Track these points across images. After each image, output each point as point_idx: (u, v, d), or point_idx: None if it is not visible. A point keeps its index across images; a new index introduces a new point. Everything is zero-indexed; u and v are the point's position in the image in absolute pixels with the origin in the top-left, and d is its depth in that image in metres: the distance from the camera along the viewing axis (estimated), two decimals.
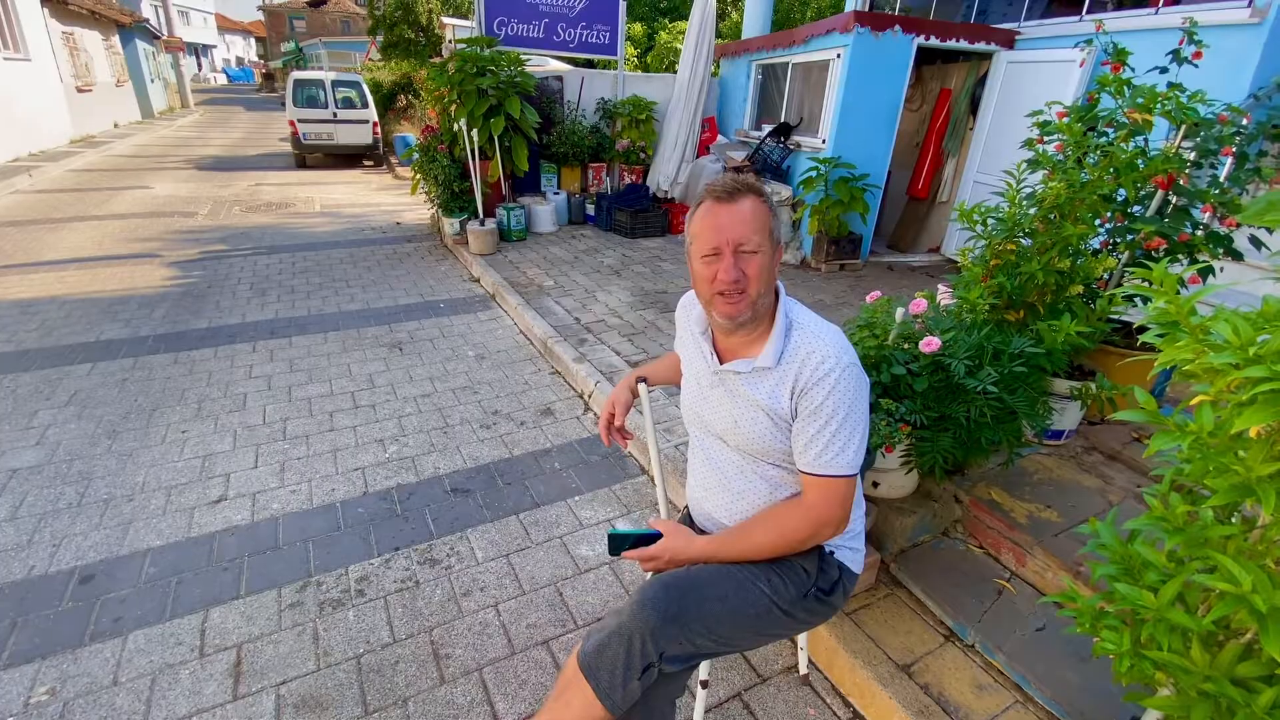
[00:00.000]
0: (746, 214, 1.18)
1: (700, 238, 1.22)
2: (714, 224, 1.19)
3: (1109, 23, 3.76)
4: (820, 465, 1.19)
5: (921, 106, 6.82)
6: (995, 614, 1.92)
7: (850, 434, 1.19)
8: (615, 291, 5.06)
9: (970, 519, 2.22)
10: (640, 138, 7.22)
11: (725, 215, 1.19)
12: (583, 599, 2.16)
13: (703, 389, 1.38)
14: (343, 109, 11.75)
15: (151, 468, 2.81)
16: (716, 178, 1.24)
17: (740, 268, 1.18)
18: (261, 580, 2.21)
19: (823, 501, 1.21)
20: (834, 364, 1.18)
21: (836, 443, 1.18)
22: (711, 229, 1.19)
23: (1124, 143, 2.06)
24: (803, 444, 1.21)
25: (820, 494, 1.21)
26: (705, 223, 1.21)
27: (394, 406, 3.38)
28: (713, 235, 1.19)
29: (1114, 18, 4.52)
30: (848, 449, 1.19)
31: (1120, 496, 2.29)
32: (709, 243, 1.20)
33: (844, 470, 1.19)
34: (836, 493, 1.20)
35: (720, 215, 1.19)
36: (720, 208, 1.19)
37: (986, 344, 1.77)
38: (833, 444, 1.18)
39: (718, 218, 1.19)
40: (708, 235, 1.20)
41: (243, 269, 5.70)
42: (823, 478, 1.20)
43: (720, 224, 1.19)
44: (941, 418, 1.81)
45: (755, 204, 1.20)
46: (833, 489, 1.20)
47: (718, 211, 1.19)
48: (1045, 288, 1.95)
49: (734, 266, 1.18)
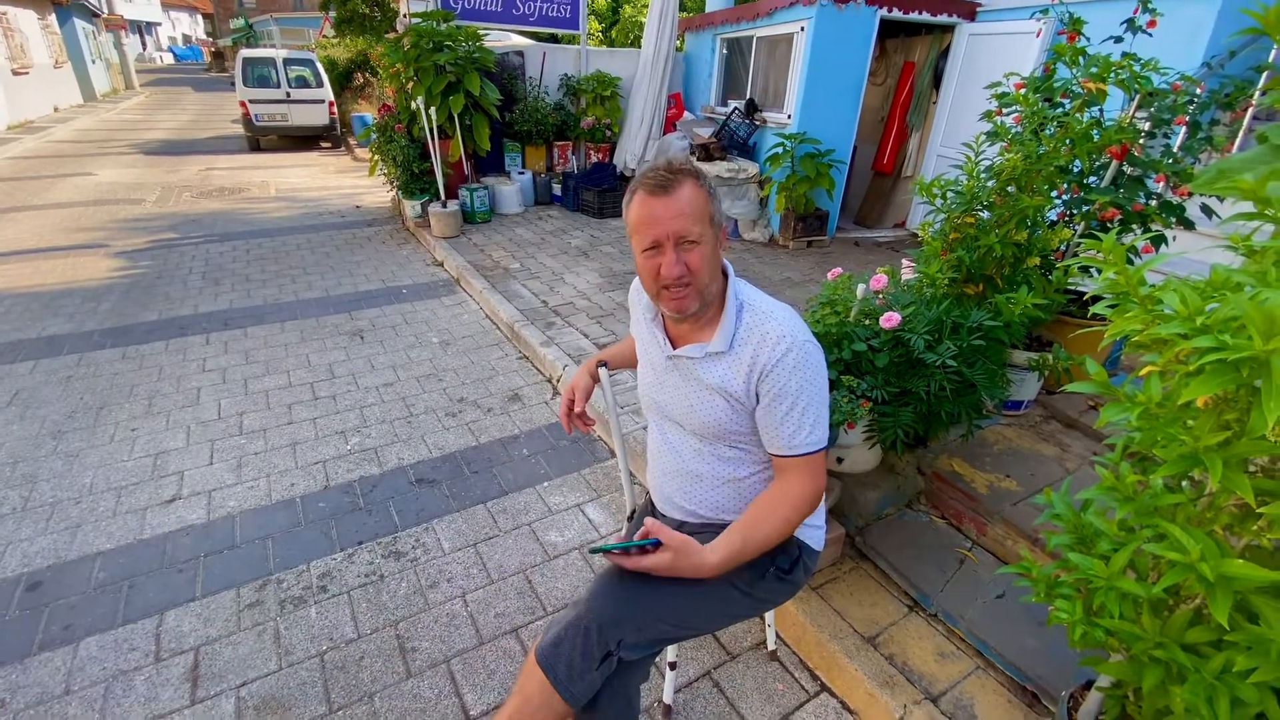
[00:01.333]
0: (684, 204, 1.13)
1: (638, 232, 1.16)
2: (650, 217, 1.13)
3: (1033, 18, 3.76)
4: (796, 445, 1.19)
5: (885, 80, 6.81)
6: (957, 583, 1.95)
7: (819, 409, 1.19)
8: (583, 273, 4.99)
9: (933, 491, 2.25)
10: (605, 115, 7.09)
11: (661, 208, 1.13)
12: (552, 585, 2.14)
13: (658, 374, 1.36)
14: (296, 88, 11.29)
15: (100, 468, 2.70)
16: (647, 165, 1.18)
17: (683, 261, 1.14)
18: (218, 580, 2.14)
19: (806, 479, 1.21)
20: (790, 342, 1.16)
21: (807, 420, 1.18)
22: (649, 223, 1.14)
23: (1079, 113, 2.07)
24: (774, 428, 1.20)
25: (800, 473, 1.21)
26: (641, 216, 1.15)
27: (355, 397, 3.29)
28: (650, 230, 1.14)
29: None
30: (819, 424, 1.19)
31: (1077, 464, 2.35)
32: (648, 238, 1.14)
33: (818, 445, 1.20)
34: (815, 466, 1.21)
35: (656, 208, 1.13)
36: (655, 201, 1.13)
37: (946, 318, 1.77)
38: (804, 422, 1.18)
39: (653, 210, 1.13)
40: (645, 231, 1.14)
41: (194, 258, 5.48)
42: (800, 457, 1.19)
43: (657, 217, 1.13)
44: (902, 393, 1.81)
45: (692, 191, 1.14)
46: (811, 465, 1.21)
47: (653, 205, 1.13)
48: (1003, 260, 1.96)
49: (677, 261, 1.13)
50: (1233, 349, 0.74)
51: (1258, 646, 0.86)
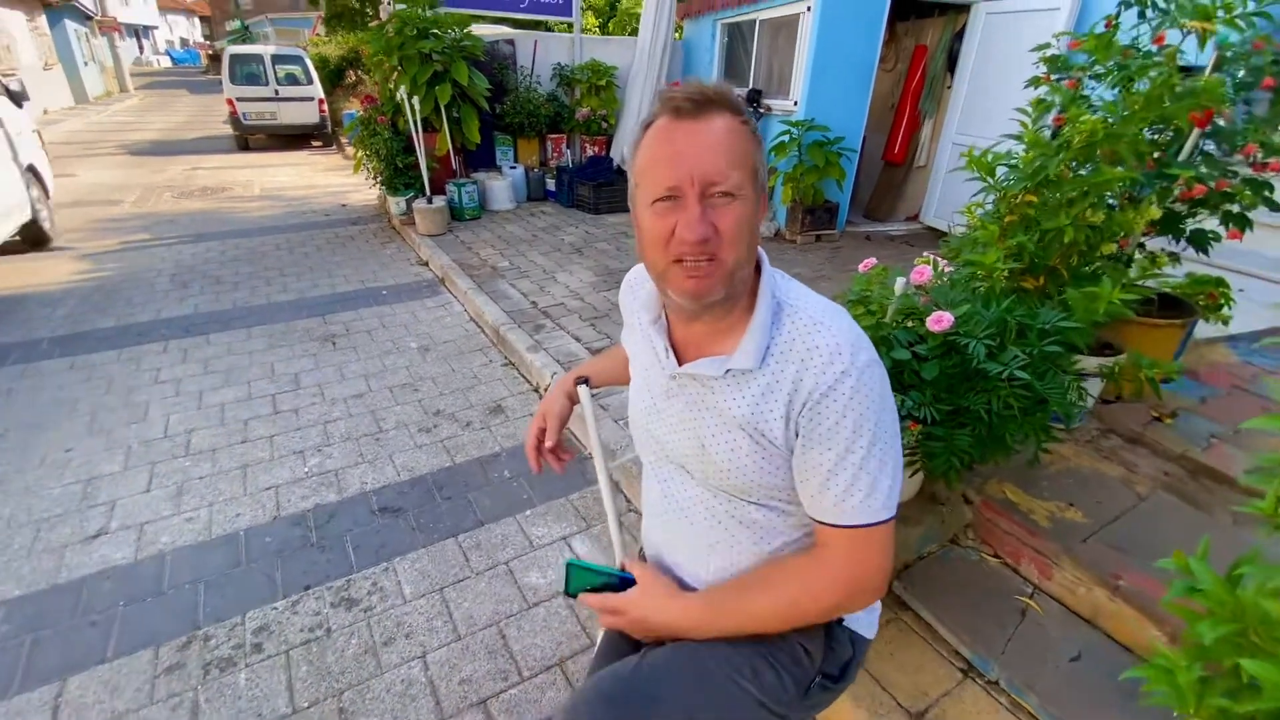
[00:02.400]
0: (719, 137, 0.76)
1: (650, 173, 0.78)
2: (672, 151, 0.77)
3: None
4: (845, 512, 0.82)
5: (896, 65, 6.44)
6: (1021, 641, 1.60)
7: (882, 461, 0.81)
8: (576, 271, 4.64)
9: (983, 523, 1.90)
10: (601, 106, 6.75)
11: (687, 138, 0.76)
12: (530, 642, 1.80)
13: (656, 399, 0.97)
14: (285, 86, 10.97)
15: (23, 496, 2.37)
16: (678, 94, 0.79)
17: (710, 220, 0.76)
18: (135, 637, 1.80)
19: (854, 561, 0.84)
20: (848, 363, 0.79)
21: (865, 476, 0.80)
22: (668, 159, 0.77)
23: (1171, 64, 1.70)
24: (817, 484, 0.83)
25: (850, 550, 0.84)
26: (659, 149, 0.78)
27: (320, 410, 2.95)
28: (669, 167, 0.76)
29: None
30: (880, 483, 0.81)
31: (1148, 487, 1.99)
32: (663, 180, 0.77)
33: (879, 515, 0.81)
34: (872, 546, 0.83)
35: (680, 138, 0.77)
36: (680, 127, 0.77)
37: (1009, 318, 1.43)
38: (860, 479, 0.80)
39: (676, 142, 0.77)
40: (661, 169, 0.77)
41: (164, 259, 5.15)
42: (851, 529, 0.82)
43: (680, 151, 0.76)
44: (956, 411, 1.47)
45: (732, 124, 0.78)
46: (867, 542, 0.83)
47: (676, 133, 0.77)
48: (1073, 247, 1.61)
49: (701, 218, 0.76)
50: None
51: None
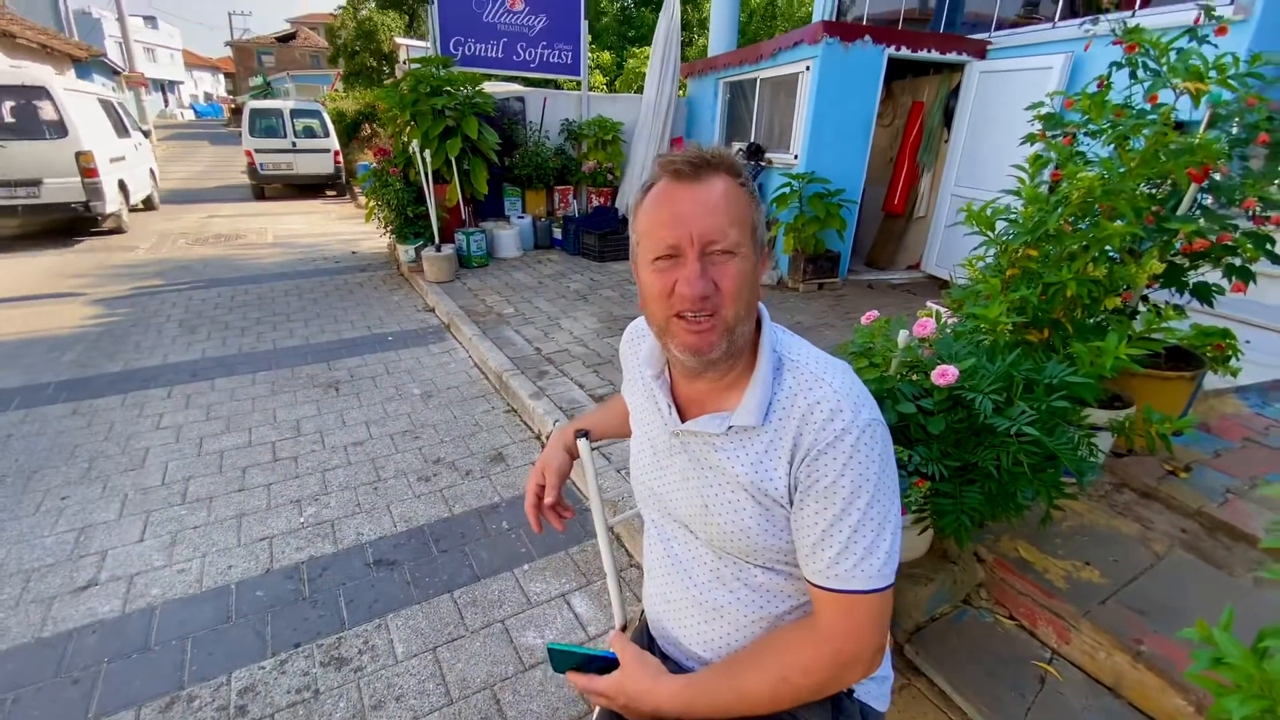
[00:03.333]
0: (718, 198, 0.79)
1: (651, 233, 0.81)
2: (672, 212, 0.80)
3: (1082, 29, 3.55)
4: (838, 576, 0.80)
5: (894, 121, 6.63)
6: (1041, 711, 1.52)
7: (880, 525, 0.79)
8: (581, 318, 4.67)
9: (996, 583, 1.83)
10: (607, 159, 6.93)
11: (688, 199, 0.79)
12: (525, 707, 1.72)
13: (659, 456, 0.96)
14: (302, 138, 11.36)
15: (15, 544, 2.32)
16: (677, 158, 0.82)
17: (710, 277, 0.79)
18: (117, 698, 1.73)
19: (845, 631, 0.81)
20: (849, 420, 0.79)
21: (861, 540, 0.79)
22: (668, 220, 0.80)
23: (1167, 123, 1.74)
24: (811, 543, 0.81)
25: (841, 618, 0.81)
26: (659, 212, 0.81)
27: (319, 458, 2.93)
28: (670, 228, 0.79)
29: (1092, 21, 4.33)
30: (878, 547, 0.79)
31: (1166, 545, 1.93)
32: (664, 239, 0.80)
33: (874, 582, 0.79)
34: (866, 614, 0.80)
35: (680, 199, 0.80)
36: (680, 189, 0.80)
37: (1015, 372, 1.41)
38: (855, 542, 0.79)
39: (676, 203, 0.80)
40: (662, 230, 0.80)
41: (175, 304, 5.22)
42: (844, 594, 0.80)
43: (680, 212, 0.79)
44: (964, 467, 1.43)
45: (729, 186, 0.81)
46: (860, 609, 0.80)
47: (676, 195, 0.80)
48: (1076, 301, 1.61)
49: (701, 275, 0.78)
50: None
51: None
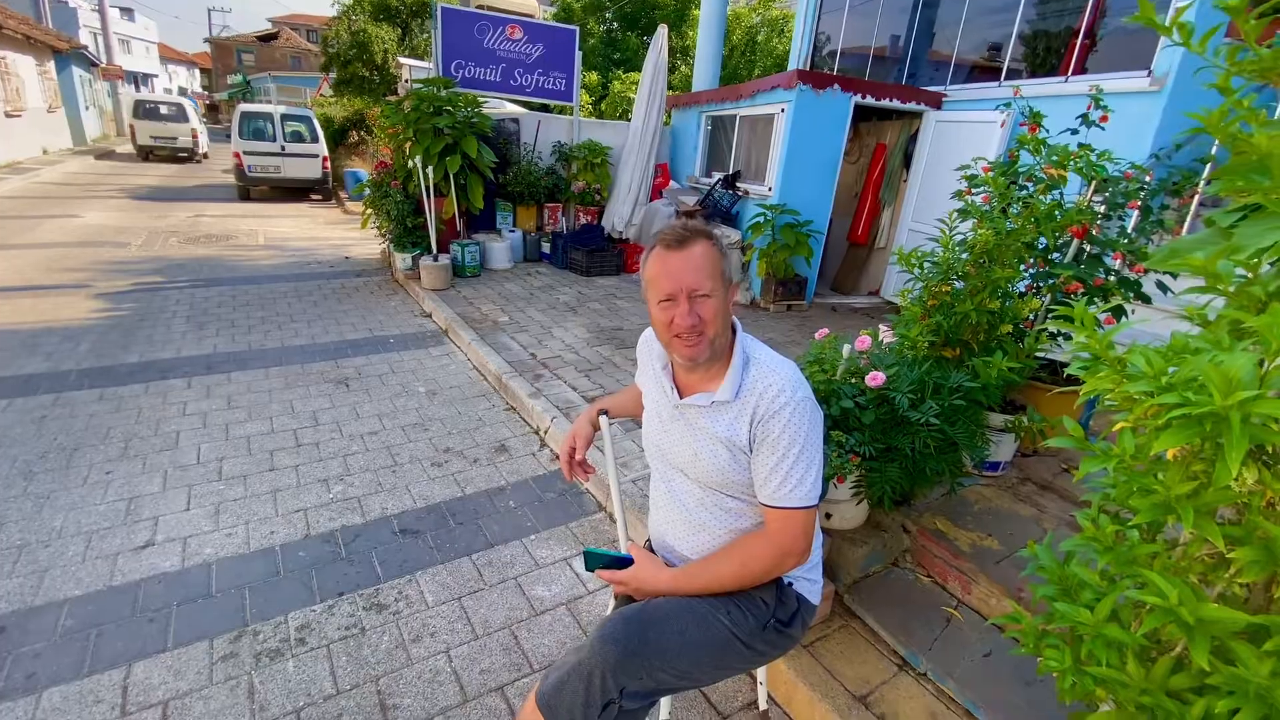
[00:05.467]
0: (698, 260, 1.22)
1: (655, 284, 1.25)
2: (666, 271, 1.23)
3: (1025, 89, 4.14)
4: (780, 497, 1.22)
5: (859, 159, 7.24)
6: (945, 641, 1.97)
7: (808, 465, 1.23)
8: (571, 328, 5.08)
9: (918, 548, 2.29)
10: (595, 180, 7.38)
11: (677, 262, 1.22)
12: (539, 641, 2.10)
13: (664, 422, 1.41)
14: (291, 142, 11.57)
15: (71, 511, 2.61)
16: (667, 224, 1.28)
17: (696, 312, 1.22)
18: (191, 631, 2.06)
19: (784, 532, 1.24)
20: (789, 397, 1.22)
21: (795, 474, 1.21)
22: (665, 276, 1.23)
23: (1042, 195, 2.27)
24: (762, 476, 1.24)
25: (781, 525, 1.24)
26: (658, 269, 1.24)
27: (339, 444, 3.26)
28: (667, 282, 1.22)
29: (1029, 84, 4.96)
30: (805, 480, 1.22)
31: (1054, 524, 2.42)
32: (664, 290, 1.23)
33: (803, 501, 1.22)
34: (797, 524, 1.23)
35: (672, 262, 1.22)
36: (671, 255, 1.23)
37: (928, 378, 1.87)
38: (791, 475, 1.21)
39: (669, 265, 1.22)
40: (662, 283, 1.23)
41: (179, 301, 5.46)
42: (783, 510, 1.23)
43: (672, 270, 1.22)
44: (888, 449, 1.88)
45: (705, 249, 1.24)
46: (793, 520, 1.23)
47: (669, 259, 1.23)
48: (978, 327, 2.08)
49: (690, 312, 1.21)
50: (1195, 404, 0.82)
51: (1238, 688, 0.91)
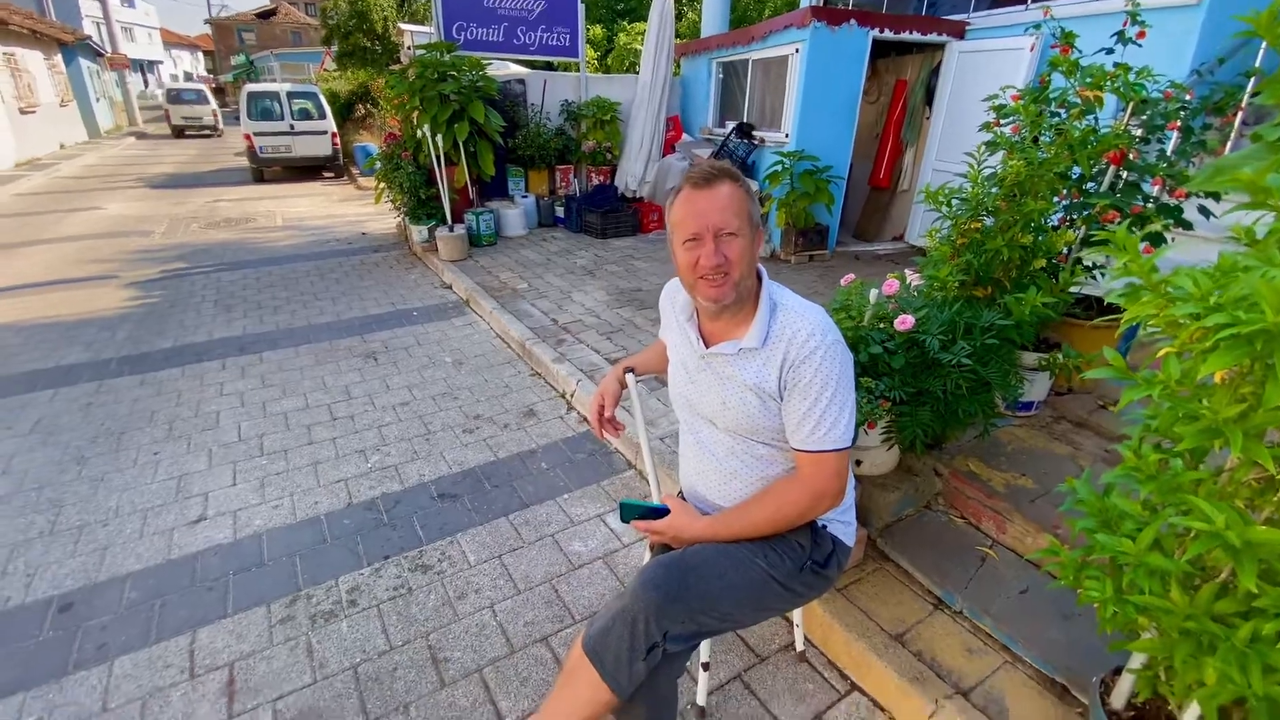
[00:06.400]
0: (724, 199, 1.20)
1: (681, 225, 1.23)
2: (693, 210, 1.21)
3: (1055, 9, 3.91)
4: (813, 441, 1.23)
5: (879, 98, 6.97)
6: (980, 580, 1.98)
7: (840, 408, 1.22)
8: (590, 291, 5.06)
9: (951, 491, 2.29)
10: (606, 139, 7.24)
11: (704, 201, 1.20)
12: (579, 594, 2.16)
13: (690, 374, 1.40)
14: (299, 120, 11.51)
15: (125, 491, 2.73)
16: (694, 165, 1.25)
17: (722, 252, 1.20)
18: (248, 597, 2.16)
19: (818, 476, 1.25)
20: (820, 340, 1.21)
21: (828, 417, 1.21)
22: (691, 215, 1.21)
23: (1076, 121, 2.16)
24: (795, 422, 1.24)
25: (815, 469, 1.25)
26: (685, 209, 1.23)
27: (373, 416, 3.34)
28: (693, 221, 1.21)
29: (1060, 4, 4.68)
30: (839, 423, 1.22)
31: (1090, 461, 2.39)
32: (689, 229, 1.21)
33: (837, 443, 1.23)
34: (830, 466, 1.24)
35: (699, 201, 1.21)
36: (698, 194, 1.21)
37: (958, 319, 1.83)
38: (824, 419, 1.21)
39: (696, 204, 1.21)
40: (688, 222, 1.22)
41: (205, 286, 5.56)
42: (817, 453, 1.23)
43: (700, 210, 1.20)
44: (919, 393, 1.86)
45: (733, 189, 1.22)
46: (827, 463, 1.24)
47: (696, 198, 1.21)
48: (1010, 263, 2.02)
49: (716, 251, 1.20)
50: (1246, 322, 0.79)
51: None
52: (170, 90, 20.60)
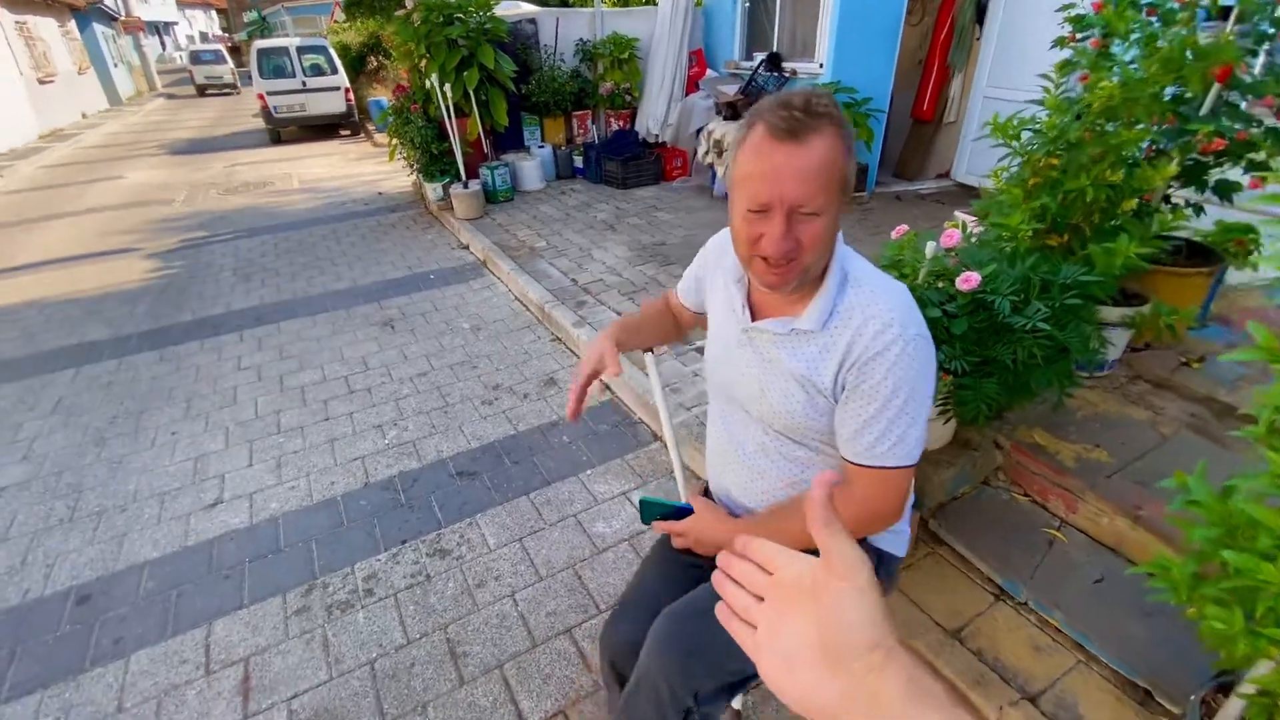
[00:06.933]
0: (815, 162, 0.84)
1: (746, 185, 0.89)
2: (767, 168, 0.86)
3: None
4: (874, 456, 0.96)
5: (923, 19, 6.34)
6: (1048, 567, 1.77)
7: (913, 419, 0.95)
8: (611, 248, 4.81)
9: (1013, 465, 2.06)
10: (624, 79, 6.80)
11: (783, 158, 0.85)
12: (603, 580, 2.04)
13: (728, 348, 1.13)
14: (311, 76, 11.19)
15: (143, 474, 2.68)
16: (781, 94, 0.89)
17: (794, 235, 0.88)
18: (265, 586, 2.09)
19: (875, 496, 1.00)
20: (898, 333, 0.92)
21: (896, 429, 0.94)
22: (762, 176, 0.86)
23: (1184, 27, 1.78)
24: (853, 429, 0.98)
25: (872, 488, 0.99)
26: (755, 163, 0.87)
27: (390, 389, 3.22)
28: (763, 186, 0.86)
29: None
30: (908, 436, 0.95)
31: (1173, 428, 2.12)
32: (757, 195, 0.87)
33: (902, 460, 0.96)
34: (892, 486, 0.99)
35: (776, 157, 0.85)
36: (779, 149, 0.85)
37: (1034, 275, 1.56)
38: (891, 431, 0.94)
39: (772, 160, 0.85)
40: (756, 184, 0.87)
41: (224, 255, 5.47)
42: (876, 469, 0.97)
43: (775, 171, 0.85)
44: (984, 362, 1.62)
45: (829, 145, 0.85)
46: (888, 482, 0.98)
47: (773, 152, 0.85)
48: (1094, 205, 1.72)
49: (786, 234, 0.87)
50: None
51: None
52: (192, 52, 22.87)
